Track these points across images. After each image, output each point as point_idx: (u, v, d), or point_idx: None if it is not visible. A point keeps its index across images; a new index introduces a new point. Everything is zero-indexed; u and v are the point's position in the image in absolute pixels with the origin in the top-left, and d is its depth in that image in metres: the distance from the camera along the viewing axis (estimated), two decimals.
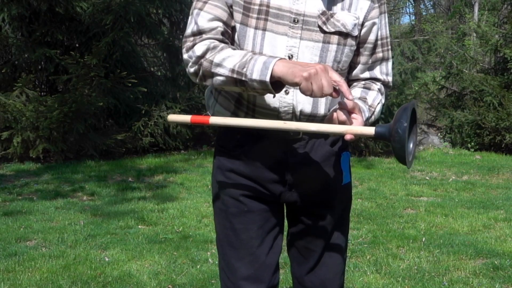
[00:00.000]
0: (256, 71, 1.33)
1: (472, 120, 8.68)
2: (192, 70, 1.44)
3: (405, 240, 3.95)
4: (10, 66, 7.45)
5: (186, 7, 8.68)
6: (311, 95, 1.30)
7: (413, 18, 24.88)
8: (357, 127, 1.34)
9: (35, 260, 3.44)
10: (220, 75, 1.39)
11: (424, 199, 5.40)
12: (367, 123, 1.48)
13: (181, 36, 8.68)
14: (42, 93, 7.79)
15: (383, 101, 1.59)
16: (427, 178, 6.54)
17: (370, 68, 1.59)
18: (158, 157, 7.52)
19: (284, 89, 1.45)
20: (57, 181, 5.86)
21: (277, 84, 1.36)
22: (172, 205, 4.89)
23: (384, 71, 1.61)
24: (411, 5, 25.80)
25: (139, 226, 4.28)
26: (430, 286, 3.12)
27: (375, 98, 1.56)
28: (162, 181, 6.02)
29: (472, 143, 8.81)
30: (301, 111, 1.47)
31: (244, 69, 1.35)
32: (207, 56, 1.41)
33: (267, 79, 1.32)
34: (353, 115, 1.38)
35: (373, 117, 1.54)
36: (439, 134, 9.52)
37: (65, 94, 6.81)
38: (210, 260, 3.48)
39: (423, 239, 3.99)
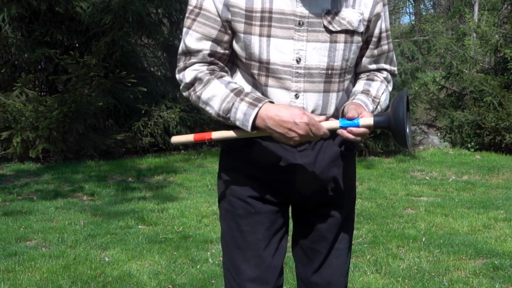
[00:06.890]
0: (239, 120, 1.42)
1: (472, 120, 8.67)
2: (184, 93, 1.53)
3: (405, 240, 3.95)
4: (10, 66, 7.45)
5: (186, 7, 8.66)
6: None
7: (413, 18, 24.90)
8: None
9: (35, 260, 3.44)
10: (207, 112, 1.48)
11: (424, 199, 5.40)
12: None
13: (181, 36, 8.63)
14: (42, 93, 7.78)
15: (390, 88, 1.63)
16: (427, 178, 6.53)
17: (377, 60, 1.61)
18: (158, 157, 7.51)
19: (294, 94, 1.47)
20: (57, 181, 5.86)
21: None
22: (172, 205, 4.89)
23: (389, 61, 1.64)
24: (411, 5, 25.85)
25: (139, 226, 4.28)
26: (430, 286, 3.12)
27: (379, 88, 1.58)
28: (162, 181, 6.01)
29: (472, 143, 8.80)
30: (311, 113, 1.48)
31: (228, 115, 1.44)
32: (196, 87, 1.48)
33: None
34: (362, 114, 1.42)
35: (379, 107, 1.57)
36: (439, 134, 9.51)
37: (64, 94, 6.80)
38: (210, 260, 3.48)
39: (423, 239, 3.99)
